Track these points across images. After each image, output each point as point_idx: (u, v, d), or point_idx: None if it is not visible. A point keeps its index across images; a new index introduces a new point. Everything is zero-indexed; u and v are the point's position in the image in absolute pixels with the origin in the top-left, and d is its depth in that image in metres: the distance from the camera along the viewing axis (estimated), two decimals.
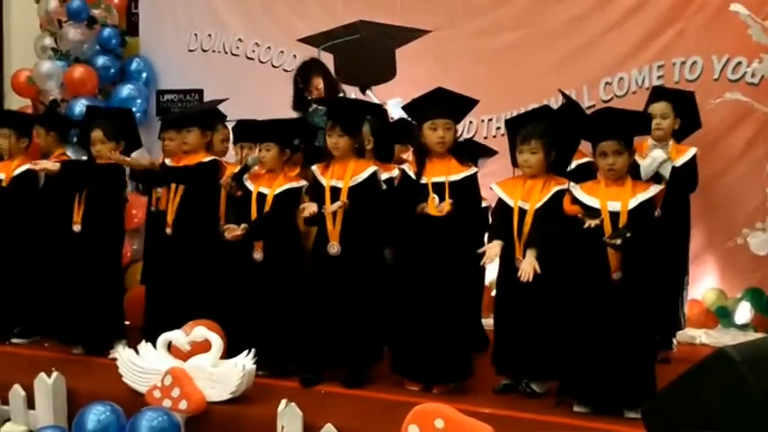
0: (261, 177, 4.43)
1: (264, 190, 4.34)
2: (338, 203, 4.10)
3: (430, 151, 4.11)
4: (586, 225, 3.59)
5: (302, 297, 4.26)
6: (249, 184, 4.42)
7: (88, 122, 5.07)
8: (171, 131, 5.23)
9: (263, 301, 4.27)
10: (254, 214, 4.31)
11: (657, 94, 4.93)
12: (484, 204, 4.42)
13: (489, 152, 5.06)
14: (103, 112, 5.48)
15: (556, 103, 5.36)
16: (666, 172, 4.53)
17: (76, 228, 4.82)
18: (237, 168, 4.61)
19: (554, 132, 4.00)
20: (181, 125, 4.97)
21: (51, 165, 4.95)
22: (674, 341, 4.87)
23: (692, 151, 4.75)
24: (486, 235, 4.12)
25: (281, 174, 4.41)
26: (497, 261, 3.99)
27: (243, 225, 4.22)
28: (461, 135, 4.95)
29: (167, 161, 4.96)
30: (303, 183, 4.38)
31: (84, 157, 5.31)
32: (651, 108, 4.76)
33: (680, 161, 4.70)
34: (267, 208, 4.30)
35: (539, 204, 3.92)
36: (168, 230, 4.80)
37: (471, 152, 4.73)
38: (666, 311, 4.74)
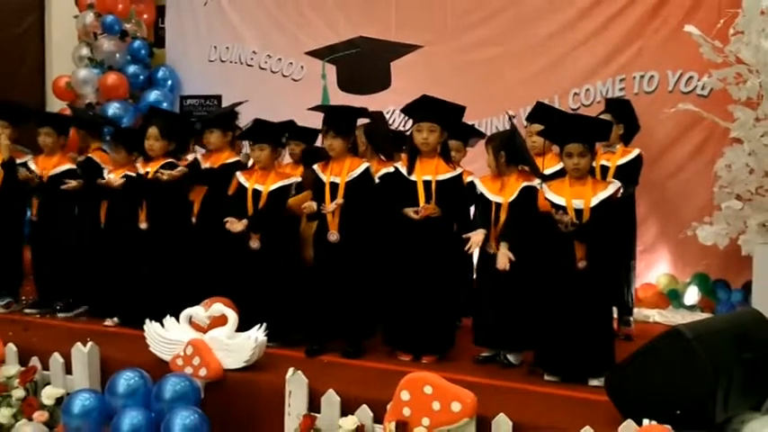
0: (254, 174, 4.39)
1: (259, 187, 4.32)
2: (334, 204, 4.09)
3: (420, 151, 4.09)
4: (565, 220, 3.57)
5: (301, 279, 4.24)
6: (244, 181, 4.39)
7: (148, 120, 4.96)
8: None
9: (263, 284, 4.24)
10: (250, 209, 4.29)
11: (605, 106, 4.98)
12: (469, 178, 4.42)
13: (479, 134, 5.04)
14: (163, 112, 5.38)
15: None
16: None
17: (143, 225, 4.68)
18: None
19: (496, 137, 4.15)
20: (204, 127, 4.94)
21: (115, 179, 4.78)
22: (631, 319, 4.79)
23: (635, 152, 4.70)
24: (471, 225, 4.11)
25: (273, 171, 4.39)
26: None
27: (243, 221, 4.20)
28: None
29: (200, 159, 4.91)
30: (293, 179, 4.37)
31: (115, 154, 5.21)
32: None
33: (623, 160, 4.65)
34: (262, 203, 4.28)
35: (511, 199, 3.94)
36: (194, 220, 4.78)
37: (463, 133, 4.72)
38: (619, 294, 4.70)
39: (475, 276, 4.32)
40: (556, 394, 3.49)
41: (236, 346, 3.77)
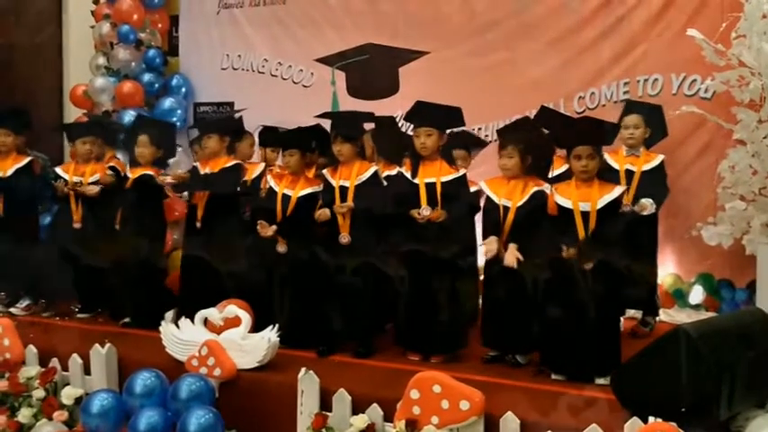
0: (284, 178, 4.40)
1: (288, 192, 4.32)
2: (345, 206, 4.10)
3: (422, 156, 4.09)
4: (565, 255, 3.57)
5: (318, 282, 4.24)
6: (274, 185, 4.40)
7: (135, 129, 5.05)
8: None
9: (287, 287, 4.27)
10: (278, 213, 4.29)
11: (630, 107, 4.90)
12: (473, 189, 4.40)
13: (481, 143, 5.00)
14: (150, 121, 5.43)
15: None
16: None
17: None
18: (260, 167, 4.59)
19: (527, 140, 4.01)
20: (202, 132, 4.98)
21: (90, 189, 5.02)
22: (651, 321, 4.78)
23: (659, 158, 4.67)
24: (480, 230, 4.10)
25: (302, 177, 4.39)
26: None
27: (273, 226, 4.21)
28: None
29: (198, 165, 4.93)
30: (321, 187, 4.38)
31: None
32: (625, 120, 4.73)
33: (648, 166, 4.64)
34: (291, 207, 4.28)
35: (520, 203, 3.91)
36: (198, 224, 4.78)
37: (465, 142, 4.70)
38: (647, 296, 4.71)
39: (482, 278, 4.32)
40: (563, 393, 3.48)
41: (249, 346, 3.79)
